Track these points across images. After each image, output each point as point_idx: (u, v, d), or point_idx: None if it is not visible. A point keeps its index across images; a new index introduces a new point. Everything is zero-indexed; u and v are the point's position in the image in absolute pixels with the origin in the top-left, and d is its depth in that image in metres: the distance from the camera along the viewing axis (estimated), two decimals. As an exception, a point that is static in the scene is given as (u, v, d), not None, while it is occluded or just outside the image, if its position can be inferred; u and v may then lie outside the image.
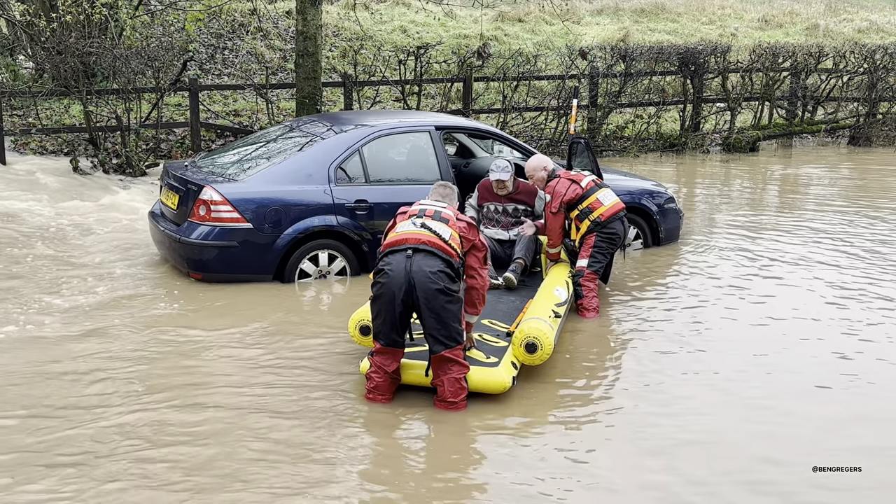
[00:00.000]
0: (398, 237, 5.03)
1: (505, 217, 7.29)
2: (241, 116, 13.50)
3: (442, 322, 4.88)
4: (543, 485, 4.23)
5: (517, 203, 7.28)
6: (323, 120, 8.13)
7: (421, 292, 4.84)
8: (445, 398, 4.94)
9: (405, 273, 4.85)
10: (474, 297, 5.24)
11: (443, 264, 4.90)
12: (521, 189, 7.32)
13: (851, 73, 15.86)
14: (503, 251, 7.19)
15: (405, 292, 4.85)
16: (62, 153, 11.58)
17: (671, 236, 8.59)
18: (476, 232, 5.21)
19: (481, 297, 5.26)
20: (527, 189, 7.32)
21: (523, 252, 6.97)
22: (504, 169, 7.15)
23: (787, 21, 22.71)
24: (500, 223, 7.29)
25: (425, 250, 4.92)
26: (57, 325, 6.10)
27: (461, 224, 5.15)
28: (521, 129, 13.87)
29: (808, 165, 13.88)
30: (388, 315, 4.92)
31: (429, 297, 4.84)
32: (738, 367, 5.67)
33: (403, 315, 4.94)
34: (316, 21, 11.49)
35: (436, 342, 4.92)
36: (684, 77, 14.91)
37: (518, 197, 7.29)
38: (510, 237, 7.21)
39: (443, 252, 4.93)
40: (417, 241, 4.95)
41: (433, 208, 5.19)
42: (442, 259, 4.91)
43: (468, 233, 5.14)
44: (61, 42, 11.43)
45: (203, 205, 6.93)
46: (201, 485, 4.11)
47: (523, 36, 18.97)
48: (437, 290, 4.84)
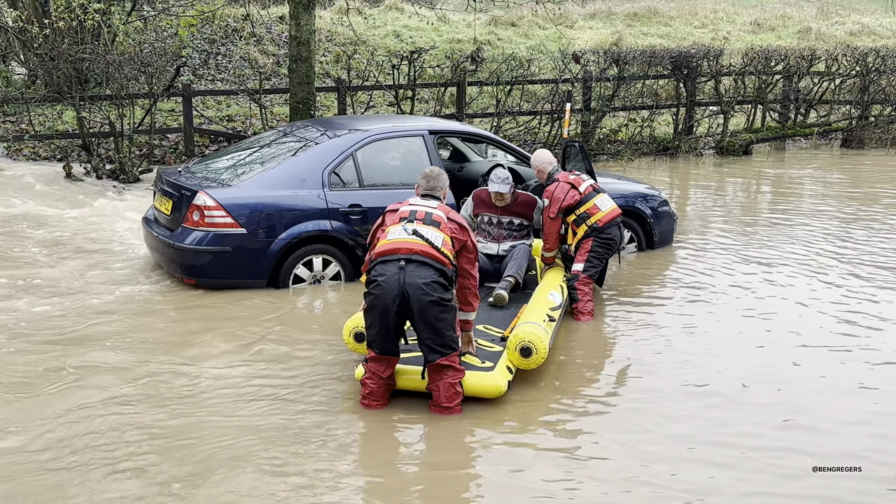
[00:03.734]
0: (390, 245, 4.93)
1: (498, 229, 7.04)
2: (235, 122, 13.49)
3: (436, 332, 4.85)
4: (539, 488, 4.22)
5: (513, 216, 7.03)
6: (316, 125, 8.13)
7: (415, 304, 4.79)
8: (440, 403, 4.93)
9: (399, 285, 4.78)
10: (467, 295, 5.21)
11: (436, 274, 4.85)
12: (519, 201, 7.06)
13: (844, 75, 15.93)
14: (492, 265, 6.90)
15: (399, 304, 4.80)
16: (55, 159, 11.55)
17: (665, 240, 8.60)
18: (468, 233, 5.12)
19: (474, 294, 5.24)
20: (526, 201, 7.07)
21: (515, 270, 6.70)
22: (505, 181, 6.87)
23: (779, 24, 22.81)
24: (491, 235, 7.04)
25: (418, 261, 4.85)
26: (46, 327, 6.09)
27: (452, 226, 5.06)
28: (515, 133, 13.89)
29: (802, 168, 13.92)
30: (382, 326, 4.88)
31: (423, 309, 4.80)
32: (733, 370, 5.67)
33: (398, 325, 4.90)
34: (309, 26, 11.49)
35: (430, 351, 4.89)
36: (677, 81, 14.95)
37: (515, 209, 7.03)
38: (499, 252, 6.97)
39: (436, 261, 4.87)
40: (410, 250, 4.87)
41: (424, 210, 5.08)
42: (435, 269, 4.86)
43: (460, 234, 5.07)
44: (54, 48, 11.41)
45: (197, 210, 6.91)
46: (182, 491, 4.09)
47: (516, 40, 19.00)
48: (431, 302, 4.79)
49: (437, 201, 5.25)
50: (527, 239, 7.10)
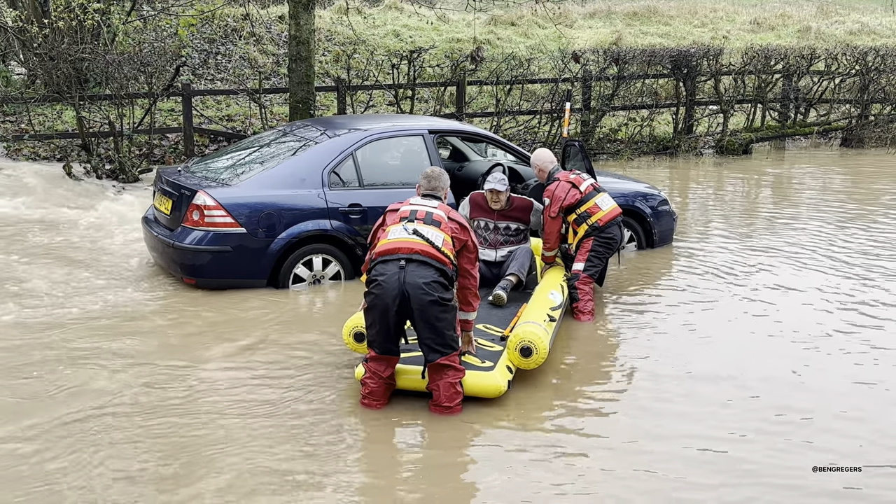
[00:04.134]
0: (390, 245, 4.93)
1: (494, 235, 6.95)
2: (235, 121, 13.49)
3: (436, 331, 4.85)
4: (540, 487, 4.22)
5: (510, 220, 6.94)
6: (316, 124, 8.13)
7: (415, 304, 4.79)
8: (441, 402, 4.92)
9: (399, 285, 4.78)
10: (467, 295, 5.21)
11: (436, 274, 4.85)
12: (515, 205, 6.97)
13: (843, 75, 15.91)
14: (490, 271, 6.80)
15: (399, 304, 4.80)
16: (55, 159, 11.54)
17: (665, 238, 8.60)
18: (468, 232, 5.12)
19: (474, 294, 5.24)
20: (522, 205, 7.01)
21: (517, 268, 6.66)
22: (501, 181, 6.83)
23: (778, 23, 22.80)
24: (487, 241, 6.94)
25: (418, 260, 4.84)
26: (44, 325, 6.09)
27: (453, 225, 5.06)
28: (515, 133, 13.89)
29: (801, 167, 13.92)
30: (382, 326, 4.88)
31: (423, 309, 4.80)
32: (733, 368, 5.67)
33: (398, 325, 4.90)
34: (309, 26, 11.49)
35: (431, 351, 4.89)
36: (677, 80, 14.94)
37: (512, 214, 6.94)
38: (497, 258, 6.88)
39: (436, 261, 4.87)
40: (410, 250, 4.87)
41: (424, 209, 5.08)
42: (435, 268, 4.85)
43: (461, 233, 5.07)
44: (53, 48, 11.41)
45: (196, 210, 6.91)
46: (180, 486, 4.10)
47: (516, 39, 19.00)
48: (432, 302, 4.79)
49: (438, 201, 5.25)
50: (524, 243, 7.04)
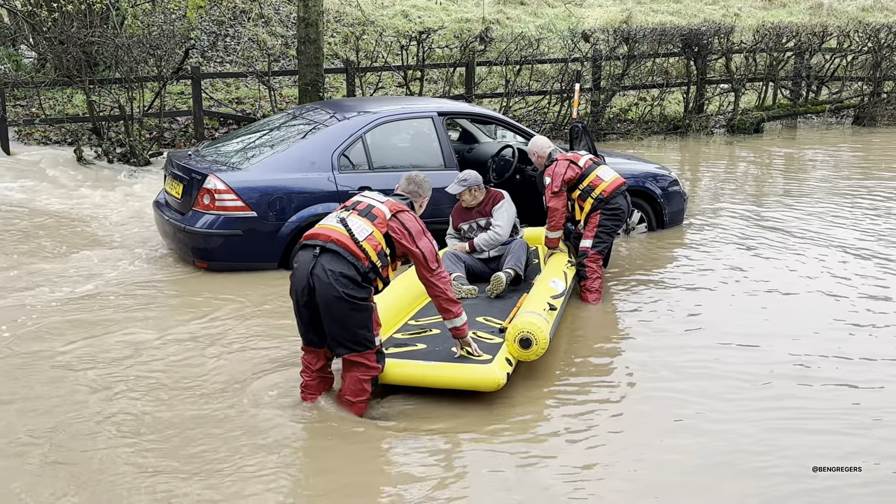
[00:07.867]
0: (314, 231, 4.68)
1: (481, 233, 6.84)
2: (244, 104, 13.49)
3: (345, 328, 4.55)
4: (541, 485, 4.15)
5: (490, 216, 6.84)
6: (326, 107, 8.13)
7: (320, 297, 4.50)
8: (345, 395, 4.70)
9: (307, 275, 4.51)
10: (441, 303, 4.85)
11: (348, 268, 4.50)
12: (491, 196, 6.90)
13: (855, 52, 15.77)
14: (486, 268, 6.74)
15: (307, 295, 4.54)
16: (66, 143, 11.60)
17: (675, 219, 8.58)
18: (412, 240, 4.70)
19: (448, 300, 4.84)
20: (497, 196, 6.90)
21: (513, 263, 6.58)
22: (461, 181, 6.73)
23: (790, 0, 22.57)
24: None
25: (332, 250, 4.53)
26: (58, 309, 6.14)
27: (394, 224, 4.69)
28: (525, 114, 13.84)
29: (813, 146, 13.84)
30: (298, 317, 4.67)
31: (328, 304, 4.49)
32: (744, 352, 5.65)
33: (314, 316, 4.61)
34: (317, 7, 11.46)
35: (338, 345, 4.60)
36: (688, 58, 14.85)
37: (489, 209, 6.86)
38: (491, 254, 6.78)
39: (350, 253, 4.51)
40: (328, 238, 4.57)
41: (367, 202, 4.77)
42: (348, 261, 4.50)
43: (402, 237, 4.69)
44: (63, 32, 11.42)
45: (207, 193, 6.94)
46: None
47: (525, 19, 18.88)
48: (337, 297, 4.46)
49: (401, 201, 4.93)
50: (516, 236, 6.96)
